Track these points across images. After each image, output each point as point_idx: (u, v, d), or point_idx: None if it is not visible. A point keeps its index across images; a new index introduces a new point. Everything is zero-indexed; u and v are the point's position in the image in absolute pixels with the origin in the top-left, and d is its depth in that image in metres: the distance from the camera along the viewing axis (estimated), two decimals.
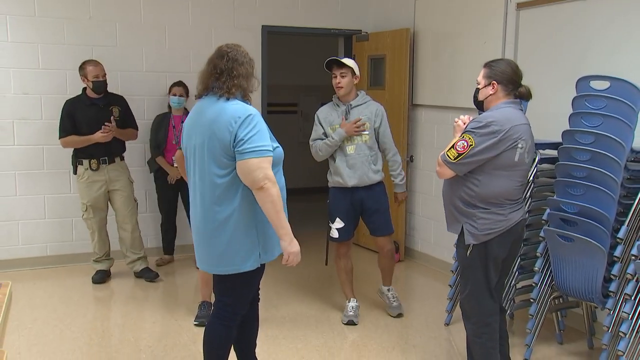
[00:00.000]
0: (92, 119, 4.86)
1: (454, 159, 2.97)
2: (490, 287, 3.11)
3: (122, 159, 5.13)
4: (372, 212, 4.29)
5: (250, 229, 2.81)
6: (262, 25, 6.07)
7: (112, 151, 4.99)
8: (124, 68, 5.58)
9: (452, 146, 2.98)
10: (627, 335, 3.12)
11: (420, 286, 5.46)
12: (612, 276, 3.35)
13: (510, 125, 2.93)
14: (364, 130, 4.16)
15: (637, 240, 3.29)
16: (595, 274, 3.41)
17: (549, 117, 4.13)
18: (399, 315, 4.39)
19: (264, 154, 2.69)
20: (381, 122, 4.22)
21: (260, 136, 2.70)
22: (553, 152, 3.78)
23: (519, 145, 2.96)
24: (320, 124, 4.27)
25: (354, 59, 4.36)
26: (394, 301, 4.42)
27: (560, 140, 3.63)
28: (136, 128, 5.23)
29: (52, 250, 5.50)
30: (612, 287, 3.34)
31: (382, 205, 4.29)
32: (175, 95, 5.40)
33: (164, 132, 5.40)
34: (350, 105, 4.20)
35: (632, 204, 3.37)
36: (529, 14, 4.54)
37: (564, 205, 3.54)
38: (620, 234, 3.33)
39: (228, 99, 2.77)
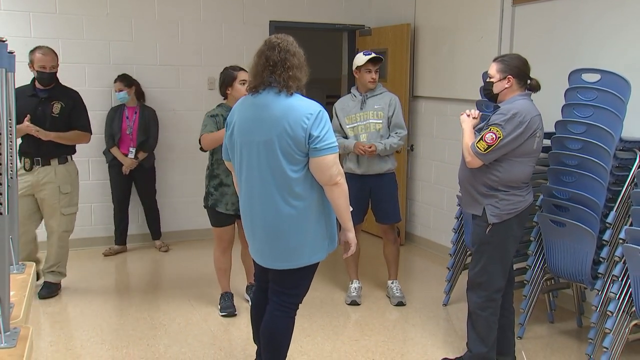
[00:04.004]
0: (27, 111, 4.04)
1: (485, 151, 2.98)
2: (505, 265, 3.15)
3: (65, 161, 4.25)
4: (381, 199, 4.26)
5: (320, 221, 2.71)
6: (270, 21, 6.05)
7: (45, 151, 4.11)
8: (139, 62, 5.59)
9: (481, 138, 2.99)
10: (614, 314, 3.13)
11: (419, 269, 5.47)
12: (600, 259, 3.35)
13: (530, 116, 2.98)
14: (374, 151, 4.09)
15: (625, 225, 3.28)
16: (585, 256, 3.41)
17: (542, 108, 4.08)
18: (399, 304, 4.29)
19: (335, 150, 2.59)
20: (394, 110, 4.22)
21: (331, 132, 2.60)
22: (546, 142, 3.76)
23: (537, 134, 3.02)
24: (337, 115, 4.26)
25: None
26: (397, 292, 4.38)
27: (553, 130, 3.62)
28: (86, 130, 4.34)
29: (74, 234, 5.45)
30: (601, 269, 3.34)
31: (390, 193, 4.27)
32: (116, 91, 5.25)
33: (118, 124, 5.25)
34: (367, 95, 4.21)
35: (620, 190, 3.36)
36: (524, 10, 4.51)
37: (557, 192, 3.54)
38: (609, 219, 3.33)
39: (291, 94, 2.60)
